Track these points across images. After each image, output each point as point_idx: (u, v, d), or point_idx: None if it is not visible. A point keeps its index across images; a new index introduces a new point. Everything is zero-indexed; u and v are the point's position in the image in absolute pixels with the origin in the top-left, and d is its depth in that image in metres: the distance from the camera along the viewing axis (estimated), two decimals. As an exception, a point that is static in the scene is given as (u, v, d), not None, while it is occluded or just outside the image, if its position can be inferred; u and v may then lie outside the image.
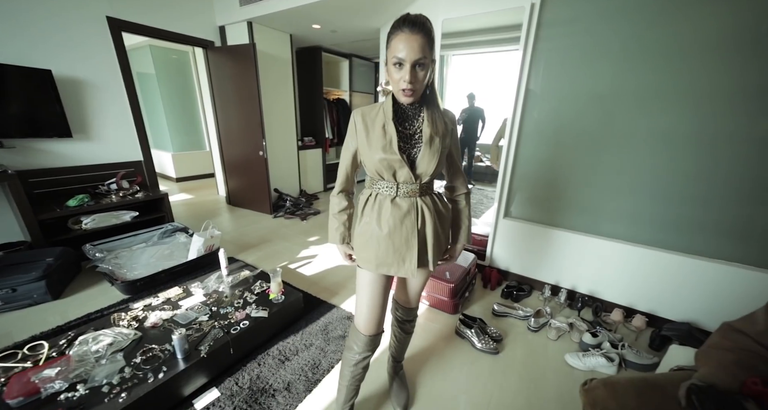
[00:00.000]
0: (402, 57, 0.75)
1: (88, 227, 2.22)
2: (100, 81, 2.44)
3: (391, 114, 0.87)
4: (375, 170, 0.90)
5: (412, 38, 0.74)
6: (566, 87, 1.75)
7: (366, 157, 0.90)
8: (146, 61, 4.40)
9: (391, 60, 0.78)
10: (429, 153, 0.86)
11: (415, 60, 0.75)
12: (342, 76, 4.55)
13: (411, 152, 0.88)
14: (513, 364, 1.51)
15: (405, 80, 0.77)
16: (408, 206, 0.90)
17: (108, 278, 1.92)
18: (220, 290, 1.75)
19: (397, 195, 0.91)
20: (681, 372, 0.79)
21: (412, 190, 0.90)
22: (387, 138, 0.85)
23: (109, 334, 1.28)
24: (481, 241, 2.39)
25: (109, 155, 2.58)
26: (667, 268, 1.65)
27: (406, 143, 0.88)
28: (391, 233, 0.91)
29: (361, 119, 0.90)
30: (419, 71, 0.78)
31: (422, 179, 0.89)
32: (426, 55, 0.76)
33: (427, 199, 0.93)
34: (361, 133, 0.89)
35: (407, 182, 0.89)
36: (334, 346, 1.59)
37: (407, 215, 0.90)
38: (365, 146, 0.89)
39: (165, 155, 4.94)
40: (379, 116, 0.89)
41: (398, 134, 0.86)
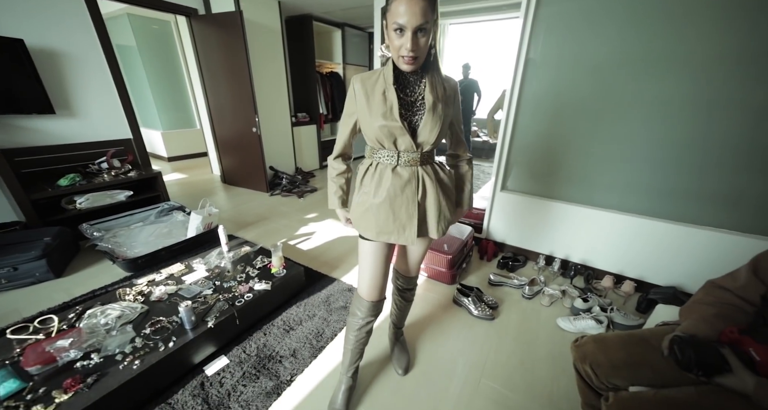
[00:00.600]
0: (403, 23, 0.71)
1: (82, 206, 2.19)
2: (78, 53, 2.29)
3: (391, 80, 0.84)
4: (375, 137, 0.88)
5: (413, 2, 0.69)
6: (567, 55, 1.69)
7: (366, 124, 0.88)
8: (126, 33, 4.13)
9: (391, 26, 0.74)
10: (432, 120, 0.84)
11: (417, 26, 0.71)
12: (335, 47, 4.33)
13: (412, 120, 0.86)
14: (507, 329, 1.59)
15: (406, 48, 0.74)
16: (409, 175, 0.89)
17: (108, 256, 1.93)
18: (222, 266, 1.78)
19: (398, 164, 0.89)
20: (665, 326, 0.85)
21: (413, 159, 0.89)
22: (387, 105, 0.83)
23: (116, 308, 1.32)
24: (478, 214, 2.42)
25: (96, 133, 2.50)
26: (656, 236, 1.71)
27: (408, 110, 0.86)
28: (392, 201, 0.90)
29: (361, 85, 0.87)
30: (421, 38, 0.74)
31: (424, 147, 0.88)
32: (428, 19, 0.72)
33: (428, 168, 0.92)
34: (361, 99, 0.87)
35: (408, 150, 0.87)
36: (336, 316, 1.65)
37: (408, 184, 0.90)
38: (365, 112, 0.86)
39: (155, 134, 4.79)
40: (379, 82, 0.86)
41: (399, 101, 0.83)
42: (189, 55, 3.47)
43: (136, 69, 4.41)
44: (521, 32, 1.74)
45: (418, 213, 0.92)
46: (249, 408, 1.16)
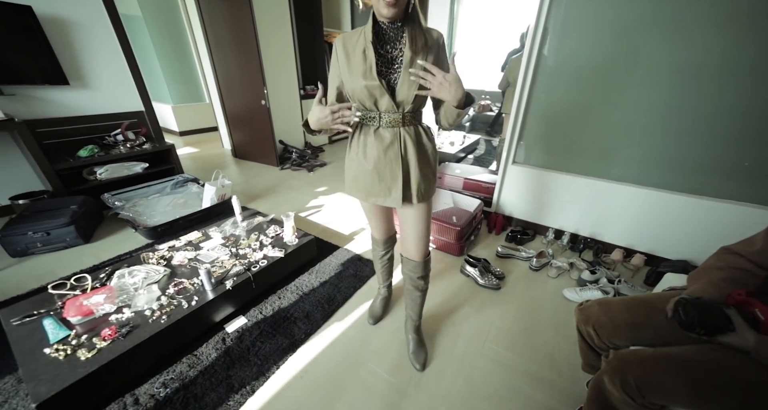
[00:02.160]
0: None
1: (102, 177, 2.27)
2: (86, 21, 2.27)
3: (371, 36, 0.82)
4: (358, 99, 0.88)
5: None
6: (589, 19, 1.56)
7: (348, 86, 0.88)
8: (131, 1, 4.02)
9: None
10: (409, 77, 0.81)
11: None
12: (343, 14, 4.13)
13: (391, 78, 0.85)
14: (513, 298, 1.63)
15: None
16: (391, 136, 0.90)
17: (130, 224, 2.03)
18: (237, 234, 1.85)
19: (380, 125, 0.90)
20: (672, 290, 0.86)
21: (395, 119, 0.88)
22: (367, 63, 0.82)
23: (141, 270, 1.40)
24: (487, 189, 2.40)
25: (109, 105, 2.53)
26: (672, 209, 1.66)
27: (387, 68, 0.85)
28: (377, 163, 0.93)
29: (342, 46, 0.88)
30: None
31: (404, 107, 0.87)
32: None
33: (410, 129, 0.91)
34: (342, 60, 0.87)
35: (389, 111, 0.87)
36: (346, 283, 1.72)
37: (390, 145, 0.90)
38: (347, 73, 0.86)
39: (165, 108, 4.81)
40: (360, 40, 0.85)
41: (379, 59, 0.83)
42: (195, 26, 3.38)
43: (143, 40, 4.34)
44: (543, -8, 1.61)
45: (403, 176, 0.93)
46: (267, 361, 1.26)
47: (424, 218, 1.05)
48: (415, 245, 1.09)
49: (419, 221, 1.04)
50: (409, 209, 1.02)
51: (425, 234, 1.08)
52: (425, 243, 1.10)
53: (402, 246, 1.15)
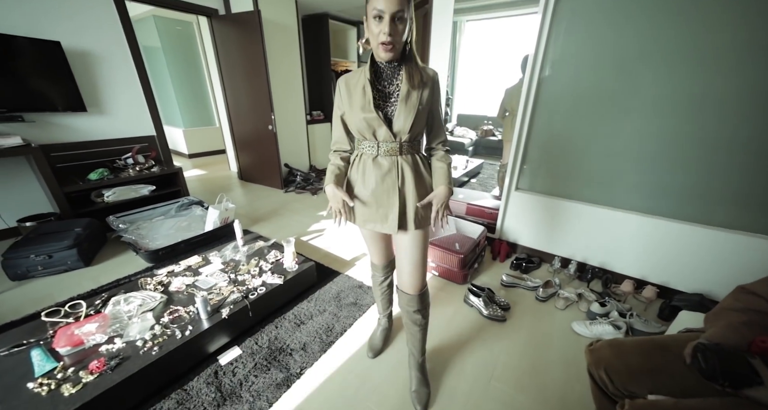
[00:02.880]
0: (381, 9, 0.77)
1: (109, 199, 2.31)
2: (108, 54, 2.42)
3: (369, 75, 0.90)
4: (358, 130, 0.95)
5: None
6: (587, 50, 1.62)
7: (349, 119, 0.95)
8: (151, 34, 4.31)
9: (371, 13, 0.80)
10: (405, 110, 0.89)
11: (394, 12, 0.77)
12: (350, 46, 4.36)
13: (388, 110, 0.92)
14: (519, 331, 1.55)
15: (384, 33, 0.79)
16: (389, 164, 0.95)
17: (132, 247, 2.03)
18: (237, 259, 1.83)
19: (379, 154, 0.95)
20: (689, 333, 0.80)
21: (392, 148, 0.94)
22: (366, 98, 0.89)
23: (138, 296, 1.38)
24: (491, 214, 2.38)
25: (123, 130, 2.62)
26: (681, 239, 1.62)
27: (385, 101, 0.92)
28: (374, 190, 0.97)
29: (345, 84, 0.95)
30: (398, 24, 0.80)
31: (401, 136, 0.93)
32: (404, 8, 0.78)
33: (408, 158, 0.96)
34: (344, 97, 0.94)
35: (387, 140, 0.93)
36: (346, 312, 1.66)
37: (388, 173, 0.96)
38: (348, 108, 0.94)
39: (176, 131, 4.98)
40: (360, 78, 0.92)
41: (377, 93, 0.91)
42: (209, 55, 3.58)
43: (160, 69, 4.59)
44: (540, 27, 1.69)
45: (400, 202, 0.97)
46: (260, 398, 1.19)
47: (420, 247, 1.03)
48: (410, 276, 1.06)
49: (415, 249, 1.03)
50: (405, 236, 1.03)
51: (421, 264, 1.06)
52: (421, 275, 1.07)
53: (398, 278, 1.12)
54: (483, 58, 3.76)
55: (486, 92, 3.88)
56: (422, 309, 1.11)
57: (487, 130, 4.98)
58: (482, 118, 4.50)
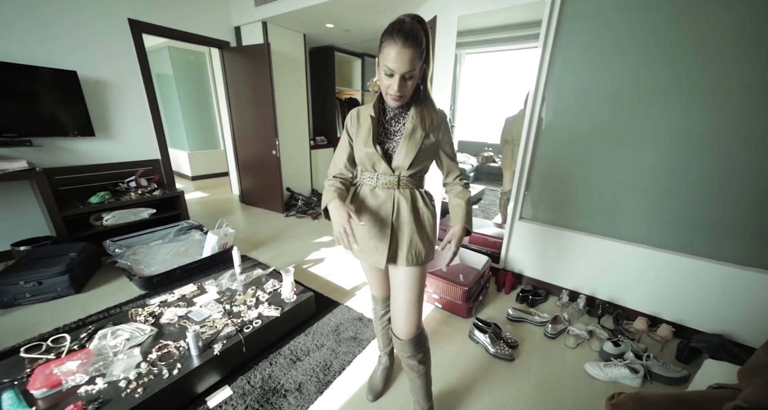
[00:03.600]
0: (392, 68, 0.79)
1: (108, 223, 2.28)
2: (121, 82, 2.51)
3: (373, 113, 0.92)
4: (360, 161, 0.97)
5: (403, 52, 0.76)
6: (585, 84, 1.67)
7: (356, 151, 0.97)
8: (165, 62, 4.51)
9: (383, 67, 0.81)
10: (407, 147, 0.89)
11: (404, 73, 0.79)
12: (354, 75, 4.54)
13: (389, 146, 0.93)
14: (529, 372, 1.46)
15: (393, 89, 0.81)
16: (385, 196, 0.95)
17: (126, 273, 1.97)
18: (234, 288, 1.77)
19: (377, 185, 0.96)
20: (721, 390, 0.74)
21: (390, 181, 0.94)
22: (369, 134, 0.91)
23: (126, 329, 1.31)
24: (494, 243, 2.33)
25: (128, 154, 2.66)
26: (694, 275, 1.56)
27: (388, 137, 0.94)
28: (368, 220, 0.97)
29: (356, 116, 0.97)
30: (408, 81, 0.82)
31: (400, 172, 0.93)
32: (415, 67, 0.79)
33: (406, 192, 0.95)
34: (353, 129, 0.97)
35: (385, 173, 0.94)
36: (345, 347, 1.58)
37: (383, 204, 0.95)
38: (355, 139, 0.96)
39: (181, 154, 5.07)
40: (369, 112, 0.94)
41: (382, 130, 0.93)
42: (219, 83, 3.72)
43: (170, 94, 4.76)
44: (540, 62, 1.76)
45: (392, 236, 0.95)
46: (248, 449, 1.09)
47: (414, 286, 0.97)
48: (401, 319, 0.99)
49: (408, 287, 0.97)
50: (399, 272, 0.99)
51: (414, 305, 0.98)
52: (413, 317, 0.98)
53: (392, 321, 1.04)
54: (483, 88, 3.89)
55: (486, 120, 3.99)
56: (417, 354, 1.02)
57: (488, 156, 5.05)
58: (483, 144, 4.59)
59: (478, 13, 1.94)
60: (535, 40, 1.76)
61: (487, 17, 1.98)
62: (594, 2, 1.56)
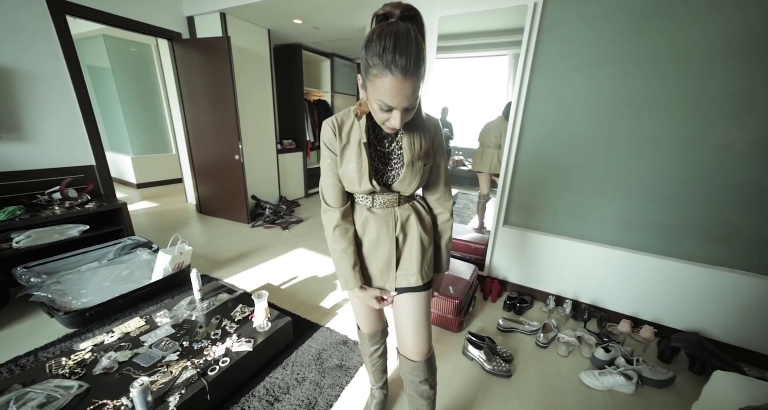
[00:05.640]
0: (392, 104, 0.63)
1: (21, 245, 1.83)
2: (38, 72, 2.06)
3: (365, 137, 0.75)
4: (351, 189, 0.82)
5: (404, 86, 0.60)
6: (568, 91, 1.69)
7: (341, 172, 0.80)
8: (100, 54, 3.92)
9: (376, 102, 0.65)
10: (410, 175, 0.78)
11: (406, 107, 0.65)
12: (323, 76, 4.33)
13: (389, 176, 0.80)
14: (528, 388, 1.39)
15: (392, 127, 0.69)
16: (384, 213, 0.83)
17: (46, 308, 1.57)
18: (193, 320, 1.49)
19: (373, 205, 0.84)
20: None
21: (390, 200, 0.83)
22: (362, 166, 0.75)
23: (39, 391, 1.00)
24: (477, 249, 2.29)
25: (51, 160, 2.19)
26: (669, 276, 1.63)
27: (384, 163, 0.80)
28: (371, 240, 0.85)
29: (334, 133, 0.77)
30: (409, 113, 0.68)
31: (400, 192, 0.83)
32: (416, 94, 0.64)
33: (405, 206, 0.85)
34: (337, 145, 0.78)
35: (383, 193, 0.82)
36: (330, 379, 1.39)
37: (384, 222, 0.83)
38: (339, 158, 0.79)
39: (123, 159, 4.43)
40: (355, 129, 0.77)
41: (375, 153, 0.79)
42: (169, 79, 3.29)
43: (108, 91, 4.15)
44: (522, 68, 1.74)
45: (397, 256, 0.85)
46: None
47: (426, 302, 0.89)
48: (414, 339, 0.89)
49: (420, 305, 0.87)
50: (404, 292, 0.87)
51: (426, 324, 0.90)
52: (427, 336, 0.91)
53: (399, 341, 0.94)
54: (453, 94, 3.92)
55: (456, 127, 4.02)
56: (430, 378, 0.93)
57: (458, 160, 5.14)
58: (453, 149, 4.64)
59: (461, 14, 1.88)
60: (509, 47, 1.75)
61: (466, 22, 1.94)
62: (574, 10, 1.58)
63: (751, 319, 1.48)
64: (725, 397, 0.85)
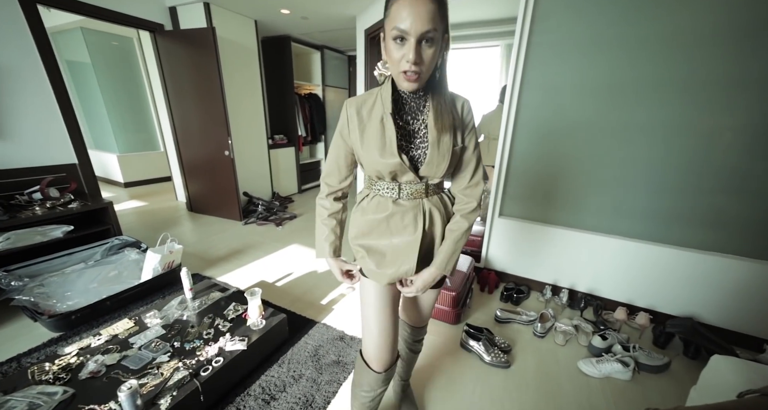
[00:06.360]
0: (405, 29, 0.58)
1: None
2: (10, 65, 1.95)
3: (390, 107, 0.70)
4: (374, 172, 0.76)
5: (420, 2, 0.56)
6: (561, 79, 1.67)
7: (363, 158, 0.76)
8: (79, 48, 3.76)
9: (391, 33, 0.60)
10: (438, 156, 0.72)
11: (423, 33, 0.58)
12: (314, 69, 4.24)
13: (414, 155, 0.74)
14: (526, 378, 1.39)
15: (408, 60, 0.60)
16: (411, 206, 0.78)
17: (28, 312, 1.51)
18: (185, 319, 1.45)
19: (400, 197, 0.77)
20: (756, 397, 0.70)
21: (418, 190, 0.77)
22: (386, 138, 0.71)
23: (21, 399, 0.95)
24: (473, 241, 2.28)
25: (29, 158, 2.10)
26: (663, 262, 1.64)
27: (409, 142, 0.74)
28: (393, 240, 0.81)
29: (356, 111, 0.74)
30: (427, 48, 0.60)
31: (429, 179, 0.77)
32: (437, 26, 0.58)
33: (434, 199, 0.80)
34: (354, 129, 0.74)
35: (411, 182, 0.76)
36: (327, 375, 1.37)
37: (411, 218, 0.78)
38: (360, 143, 0.74)
39: (109, 157, 4.30)
40: (377, 106, 0.73)
41: (399, 131, 0.72)
42: (153, 74, 3.18)
43: (89, 87, 4.00)
44: (516, 57, 1.71)
45: (424, 249, 0.80)
46: None
47: (437, 294, 0.99)
48: (423, 317, 1.04)
49: (433, 298, 0.99)
50: None
51: (434, 303, 1.03)
52: (432, 309, 1.05)
53: (404, 313, 1.06)
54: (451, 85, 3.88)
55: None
56: (422, 336, 1.11)
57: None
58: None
59: (453, 4, 1.83)
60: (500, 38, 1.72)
61: (459, 12, 1.90)
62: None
63: (743, 303, 1.49)
64: (723, 381, 0.85)
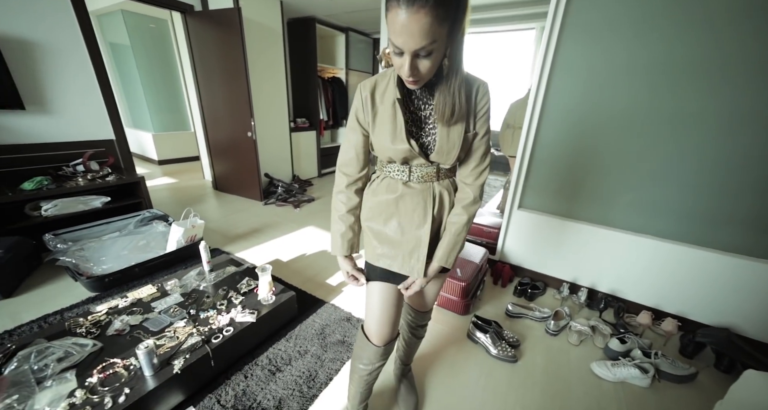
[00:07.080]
0: (398, 45, 0.56)
1: (48, 213, 1.94)
2: (56, 45, 2.09)
3: (398, 93, 0.68)
4: (384, 156, 0.77)
5: (412, 19, 0.51)
6: (598, 60, 1.51)
7: (375, 142, 0.76)
8: (119, 30, 3.96)
9: (389, 41, 0.58)
10: (447, 144, 0.71)
11: (417, 50, 0.55)
12: (338, 52, 4.18)
13: (425, 142, 0.74)
14: (534, 375, 1.35)
15: (404, 72, 0.60)
16: (421, 188, 0.77)
17: (71, 273, 1.67)
18: (201, 290, 1.53)
19: (410, 179, 0.77)
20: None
21: (428, 173, 0.77)
22: (397, 124, 0.70)
23: (58, 346, 1.06)
24: (490, 233, 2.21)
25: (73, 133, 2.27)
26: (699, 266, 1.49)
27: (420, 128, 0.73)
28: (401, 222, 0.79)
29: (370, 93, 0.72)
30: (424, 60, 0.58)
31: (440, 164, 0.76)
32: (435, 38, 0.54)
33: (445, 182, 0.80)
34: (368, 110, 0.73)
35: (422, 165, 0.76)
36: (332, 353, 1.40)
37: (420, 199, 0.77)
38: (372, 126, 0.74)
39: (146, 136, 4.57)
40: (389, 89, 0.71)
41: (410, 116, 0.72)
42: (184, 55, 3.29)
43: (129, 69, 4.22)
44: (546, 41, 1.57)
45: (432, 237, 0.79)
46: None
47: (443, 282, 0.99)
48: (432, 299, 1.02)
49: (439, 286, 0.98)
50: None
51: (441, 287, 1.03)
52: (437, 295, 1.04)
53: (411, 298, 1.03)
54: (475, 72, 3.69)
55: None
56: (428, 321, 1.11)
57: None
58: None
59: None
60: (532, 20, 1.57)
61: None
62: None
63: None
64: (755, 397, 0.76)
